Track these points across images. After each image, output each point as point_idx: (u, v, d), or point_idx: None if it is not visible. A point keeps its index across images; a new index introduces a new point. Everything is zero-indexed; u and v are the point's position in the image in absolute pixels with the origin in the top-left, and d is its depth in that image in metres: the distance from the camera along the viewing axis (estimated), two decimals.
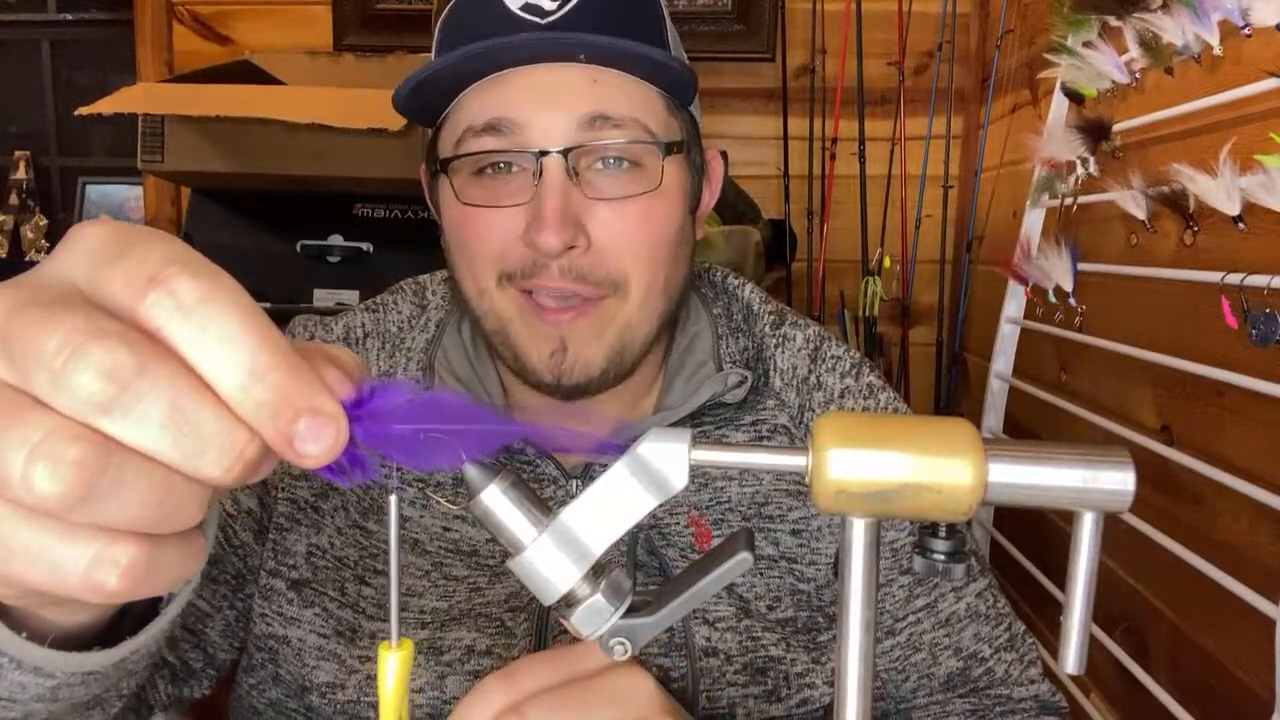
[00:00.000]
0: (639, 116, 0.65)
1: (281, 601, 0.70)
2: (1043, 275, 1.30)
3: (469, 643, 0.66)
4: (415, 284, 0.82)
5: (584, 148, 0.64)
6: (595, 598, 0.34)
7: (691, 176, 0.71)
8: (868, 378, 0.78)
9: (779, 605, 0.72)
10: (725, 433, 0.75)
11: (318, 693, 0.67)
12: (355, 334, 0.77)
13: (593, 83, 0.64)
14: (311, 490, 0.72)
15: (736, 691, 0.68)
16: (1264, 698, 0.82)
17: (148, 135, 1.52)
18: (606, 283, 0.65)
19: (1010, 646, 0.77)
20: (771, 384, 0.77)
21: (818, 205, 1.86)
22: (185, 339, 0.27)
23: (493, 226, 0.65)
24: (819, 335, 0.79)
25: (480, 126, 0.64)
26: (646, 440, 0.33)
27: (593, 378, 0.67)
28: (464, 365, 0.75)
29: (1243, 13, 0.87)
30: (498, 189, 0.65)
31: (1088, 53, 1.18)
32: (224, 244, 1.60)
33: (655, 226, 0.66)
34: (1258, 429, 0.89)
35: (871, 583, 0.34)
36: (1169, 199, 0.99)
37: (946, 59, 1.81)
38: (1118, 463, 0.32)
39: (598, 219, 0.64)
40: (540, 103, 0.63)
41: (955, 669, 0.75)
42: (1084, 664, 0.34)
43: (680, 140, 0.68)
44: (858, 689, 0.34)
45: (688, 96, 0.71)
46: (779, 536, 0.73)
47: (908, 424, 0.33)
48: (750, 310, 0.81)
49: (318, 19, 2.01)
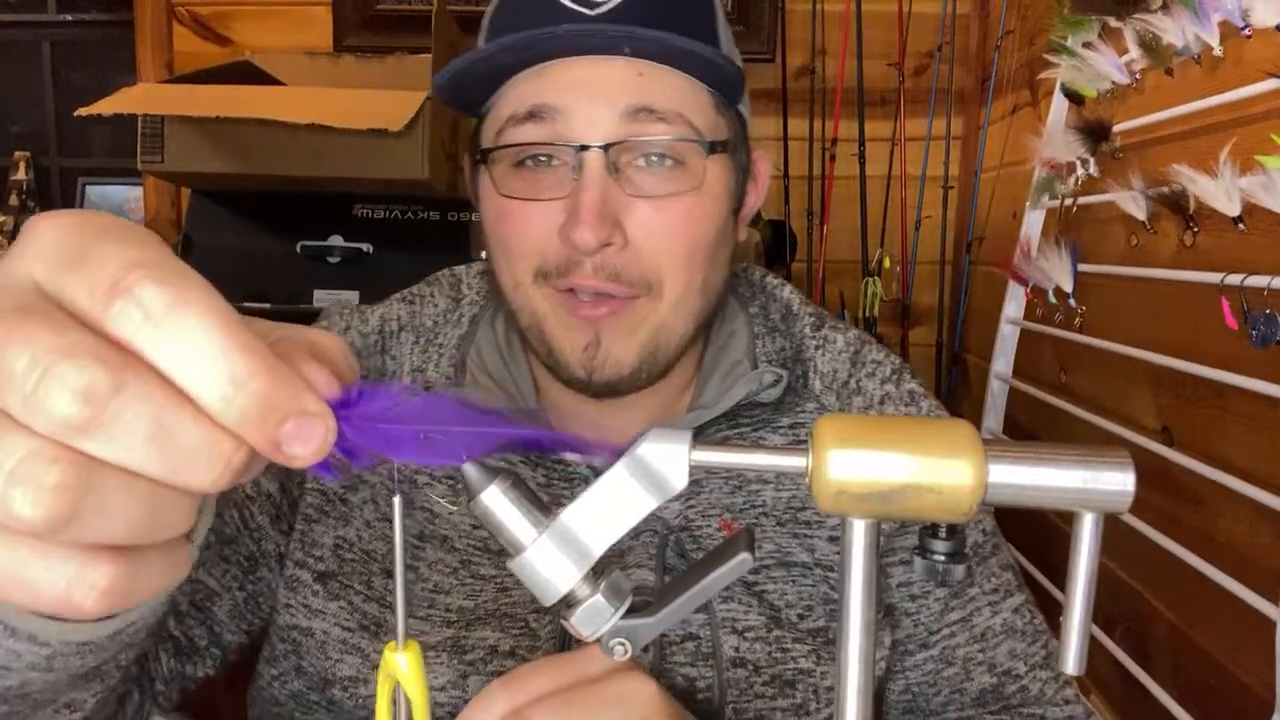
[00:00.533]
0: (684, 112, 0.64)
1: (307, 593, 0.70)
2: (1043, 276, 1.30)
3: (493, 643, 0.66)
4: (451, 275, 0.81)
5: (625, 143, 0.63)
6: (595, 598, 0.34)
7: (736, 176, 0.70)
8: (909, 384, 0.77)
9: (810, 614, 0.70)
10: (763, 434, 0.73)
11: (340, 686, 0.67)
12: (390, 326, 0.76)
13: (638, 75, 0.63)
14: (341, 482, 0.72)
15: (764, 704, 0.66)
16: (1264, 698, 0.82)
17: (148, 136, 1.52)
18: (640, 283, 0.64)
19: (1046, 665, 0.75)
20: (811, 386, 0.76)
21: (817, 206, 1.86)
22: (158, 351, 0.26)
23: (530, 221, 0.64)
24: (859, 339, 0.78)
25: (522, 114, 0.63)
26: (646, 441, 0.33)
27: (624, 375, 0.66)
28: (496, 362, 0.74)
29: (1243, 13, 0.87)
30: (537, 181, 0.64)
31: (1088, 53, 1.18)
32: (224, 244, 1.60)
33: (695, 226, 0.65)
34: (1258, 430, 0.89)
35: (871, 583, 0.34)
36: (1169, 200, 0.99)
37: (946, 59, 1.81)
38: (1118, 463, 0.32)
39: (636, 217, 0.63)
40: (584, 93, 0.62)
41: (988, 685, 0.74)
42: (1084, 664, 0.34)
43: (726, 139, 0.67)
44: (858, 689, 0.34)
45: (736, 94, 0.69)
46: (815, 543, 0.71)
47: (908, 425, 0.33)
48: (789, 310, 0.79)
49: (318, 19, 2.01)
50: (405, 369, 0.75)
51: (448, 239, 1.57)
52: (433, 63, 1.51)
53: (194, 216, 1.63)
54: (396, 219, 1.59)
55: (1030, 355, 1.46)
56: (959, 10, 1.83)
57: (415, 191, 1.57)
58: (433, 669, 0.65)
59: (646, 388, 0.69)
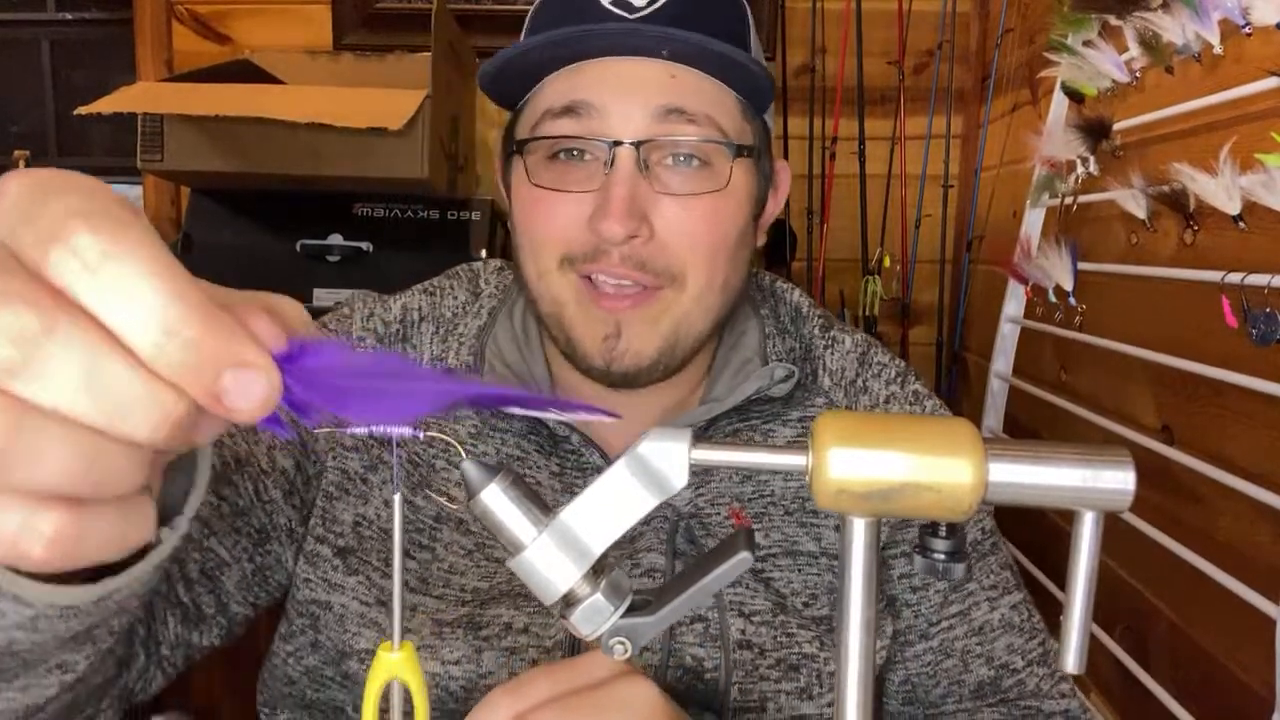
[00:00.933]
0: (713, 115, 0.66)
1: (327, 568, 0.71)
2: (1043, 275, 1.30)
3: (507, 619, 0.67)
4: (469, 270, 0.84)
5: (655, 141, 0.65)
6: (595, 597, 0.34)
7: (759, 182, 0.72)
8: (913, 385, 0.79)
9: (815, 603, 0.72)
10: (772, 427, 0.76)
11: (357, 659, 0.69)
12: (412, 315, 0.78)
13: (670, 77, 0.65)
14: (363, 463, 0.74)
15: (769, 686, 0.68)
16: (1264, 698, 0.82)
17: (147, 135, 1.52)
18: (665, 273, 0.66)
19: (1043, 661, 0.77)
20: (820, 382, 0.78)
21: (817, 204, 1.86)
22: (92, 297, 0.26)
23: (560, 211, 0.66)
24: (866, 341, 0.81)
25: (559, 109, 0.66)
26: (646, 439, 0.33)
27: (642, 367, 0.68)
28: (513, 352, 0.76)
29: (1243, 11, 0.87)
30: (569, 174, 0.66)
31: (1088, 52, 1.18)
32: (224, 243, 1.60)
33: (719, 224, 0.67)
34: (1258, 428, 0.89)
35: (872, 581, 0.34)
36: (1169, 198, 0.99)
37: (946, 58, 1.81)
38: (1118, 462, 0.32)
39: (663, 212, 0.66)
40: (619, 90, 0.65)
41: (986, 678, 0.75)
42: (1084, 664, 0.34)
43: (752, 145, 0.70)
44: (858, 689, 0.34)
45: (764, 103, 0.72)
46: (822, 532, 0.73)
47: (908, 423, 0.33)
48: (799, 313, 0.82)
49: (317, 18, 2.00)
50: (425, 358, 0.77)
51: (448, 238, 1.57)
52: (432, 61, 1.51)
53: (194, 215, 1.63)
54: (396, 218, 1.59)
55: (1030, 354, 1.46)
56: (959, 8, 1.83)
57: (415, 190, 1.57)
58: (448, 644, 0.66)
59: (662, 380, 0.71)
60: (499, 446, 0.73)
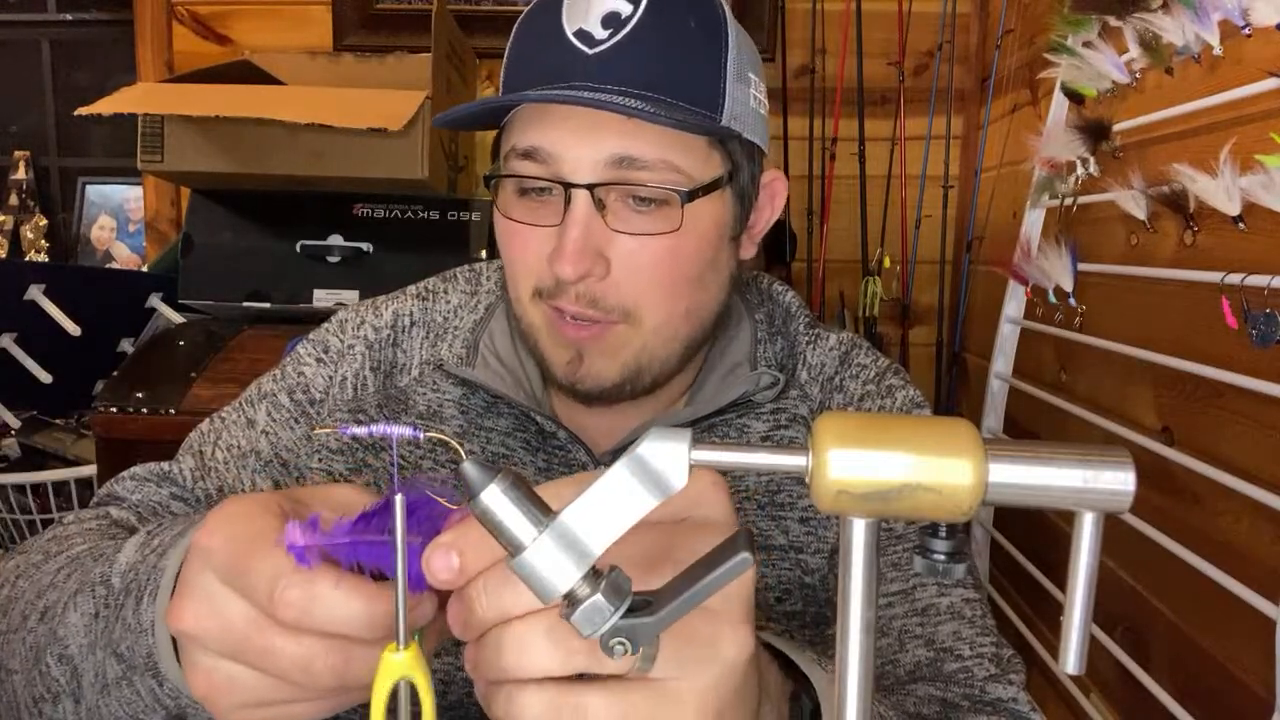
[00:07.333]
0: (669, 158, 0.66)
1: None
2: (1043, 275, 1.30)
3: None
4: (471, 271, 0.85)
5: (609, 185, 0.66)
6: (595, 598, 0.34)
7: (733, 206, 0.71)
8: (889, 380, 0.79)
9: (788, 599, 0.72)
10: (746, 421, 0.76)
11: None
12: (403, 321, 0.81)
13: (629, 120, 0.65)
14: (347, 465, 0.76)
15: None
16: (1264, 698, 0.82)
17: (147, 135, 1.52)
18: (617, 309, 0.67)
19: (995, 661, 0.73)
20: (798, 377, 0.79)
21: (817, 205, 1.86)
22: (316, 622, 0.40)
23: (529, 244, 0.68)
24: (852, 341, 0.81)
25: (521, 151, 0.67)
26: (646, 440, 0.33)
27: (605, 389, 0.69)
28: (507, 348, 0.78)
29: (1243, 12, 0.87)
30: (536, 209, 0.68)
31: (1088, 53, 1.18)
32: (224, 244, 1.60)
33: (676, 264, 0.68)
34: (1258, 429, 0.89)
35: (871, 583, 0.34)
36: (1169, 199, 0.99)
37: (946, 59, 1.81)
38: (1118, 463, 0.32)
39: (620, 249, 0.66)
40: (574, 137, 0.65)
41: (924, 659, 0.72)
42: (1084, 664, 0.34)
43: (718, 177, 0.69)
44: (858, 689, 0.34)
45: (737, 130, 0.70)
46: (789, 525, 0.74)
47: (908, 424, 0.33)
48: (788, 313, 0.83)
49: (317, 19, 2.01)
50: (415, 362, 0.79)
51: (448, 238, 1.57)
52: (432, 62, 1.51)
53: (194, 216, 1.63)
54: (396, 218, 1.59)
55: (1030, 355, 1.46)
56: (959, 9, 1.83)
57: (415, 191, 1.57)
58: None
59: (635, 399, 0.72)
60: (484, 445, 0.74)
